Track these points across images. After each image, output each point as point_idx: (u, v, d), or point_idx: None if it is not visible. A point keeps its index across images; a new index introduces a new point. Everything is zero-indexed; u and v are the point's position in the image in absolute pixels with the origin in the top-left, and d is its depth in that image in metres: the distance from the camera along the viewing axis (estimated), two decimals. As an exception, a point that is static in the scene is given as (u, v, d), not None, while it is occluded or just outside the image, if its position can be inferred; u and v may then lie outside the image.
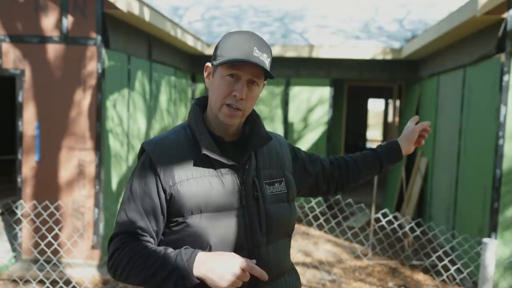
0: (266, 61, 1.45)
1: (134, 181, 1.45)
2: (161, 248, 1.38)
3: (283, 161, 1.61)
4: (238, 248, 1.42)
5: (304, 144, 8.29)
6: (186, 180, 1.41)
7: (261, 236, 1.46)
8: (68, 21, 4.87)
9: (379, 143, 1.95)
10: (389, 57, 7.91)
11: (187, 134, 1.49)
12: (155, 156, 1.44)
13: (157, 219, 1.42)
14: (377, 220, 6.87)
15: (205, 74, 1.54)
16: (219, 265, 1.31)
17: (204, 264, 1.31)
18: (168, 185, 1.41)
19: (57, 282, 4.17)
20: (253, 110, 1.58)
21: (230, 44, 1.43)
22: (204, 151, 1.42)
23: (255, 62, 1.40)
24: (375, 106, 26.56)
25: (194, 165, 1.43)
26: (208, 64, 1.52)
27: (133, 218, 1.41)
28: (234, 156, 1.48)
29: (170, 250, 1.37)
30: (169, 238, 1.44)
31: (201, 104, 1.56)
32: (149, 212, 1.41)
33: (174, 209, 1.41)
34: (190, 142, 1.47)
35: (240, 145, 1.51)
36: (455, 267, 3.84)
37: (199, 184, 1.41)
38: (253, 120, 1.56)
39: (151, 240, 1.43)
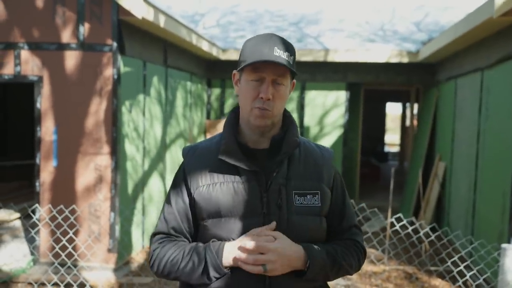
0: (289, 59, 1.44)
1: (172, 185, 1.58)
2: (192, 244, 1.48)
3: (321, 174, 1.54)
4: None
5: (320, 149, 8.24)
6: (209, 185, 1.47)
7: None
8: (84, 28, 4.96)
9: None
10: (405, 60, 7.84)
11: (219, 141, 1.54)
12: (186, 162, 1.55)
13: (189, 220, 1.52)
14: (393, 225, 6.79)
15: (234, 82, 1.56)
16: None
17: (232, 254, 1.40)
18: (193, 189, 1.49)
19: (73, 285, 4.23)
20: (289, 116, 1.57)
21: (251, 48, 1.45)
22: (220, 156, 1.47)
23: (276, 61, 1.40)
24: (394, 110, 26.29)
25: (219, 171, 1.48)
26: (235, 71, 1.54)
27: (168, 219, 1.53)
28: (262, 163, 1.48)
29: (200, 244, 1.47)
30: (196, 240, 1.53)
31: (237, 112, 1.57)
32: (181, 214, 1.52)
33: (197, 212, 1.49)
34: (219, 149, 1.51)
35: (271, 152, 1.50)
36: (471, 272, 3.77)
37: (221, 189, 1.46)
38: (287, 126, 1.54)
39: (184, 239, 1.53)
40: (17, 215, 6.73)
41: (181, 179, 1.54)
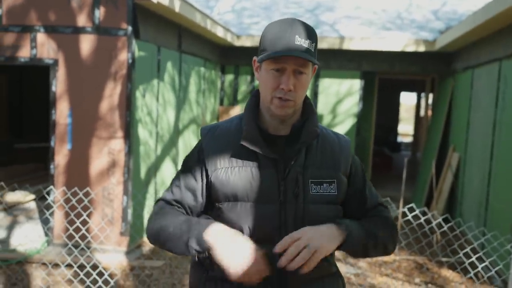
0: (311, 47, 1.41)
1: (186, 160, 1.58)
2: (189, 216, 1.49)
3: (338, 163, 1.53)
4: (270, 242, 1.41)
5: (333, 137, 8.21)
6: (227, 168, 1.47)
7: None
8: (100, 12, 4.96)
9: None
10: (422, 49, 7.73)
11: (239, 124, 1.53)
12: (205, 142, 1.53)
13: (196, 198, 1.52)
14: (405, 214, 6.77)
15: (254, 68, 1.54)
16: (232, 251, 1.35)
17: (216, 236, 1.36)
18: (211, 170, 1.48)
19: (86, 267, 4.30)
20: (310, 105, 1.55)
21: (272, 36, 1.41)
22: (242, 142, 1.45)
23: (297, 53, 1.37)
24: (409, 100, 26.05)
25: (238, 155, 1.47)
26: (255, 58, 1.52)
27: (174, 191, 1.54)
28: (282, 150, 1.47)
29: (195, 218, 1.47)
30: None
31: (257, 96, 1.56)
32: (189, 190, 1.52)
33: (213, 194, 1.49)
34: (239, 132, 1.49)
35: (290, 140, 1.49)
36: (483, 264, 3.76)
37: (239, 173, 1.45)
38: (308, 115, 1.53)
39: (184, 212, 1.53)
40: (32, 196, 6.84)
41: (198, 159, 1.53)
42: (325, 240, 1.37)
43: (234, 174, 1.46)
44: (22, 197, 6.76)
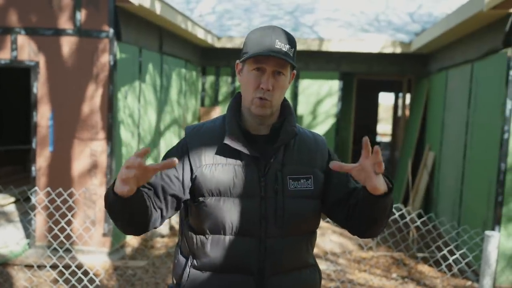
0: (290, 52, 1.52)
1: (167, 154, 1.61)
2: None
3: (314, 159, 1.62)
4: (251, 235, 1.53)
5: (313, 137, 8.35)
6: (211, 165, 1.55)
7: (275, 227, 1.53)
8: (81, 14, 4.99)
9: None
10: (398, 50, 7.93)
11: (222, 123, 1.62)
12: (189, 139, 1.60)
13: (173, 184, 1.54)
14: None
15: (237, 71, 1.63)
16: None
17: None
18: (195, 166, 1.55)
19: (69, 267, 4.33)
20: (288, 106, 1.65)
21: (254, 40, 1.53)
22: (226, 141, 1.55)
23: (277, 56, 1.48)
24: (387, 100, 26.43)
25: (221, 152, 1.56)
26: (238, 61, 1.62)
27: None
28: (262, 149, 1.57)
29: None
30: (193, 216, 1.58)
31: (238, 98, 1.65)
32: (167, 176, 1.54)
33: (198, 189, 1.55)
34: (223, 131, 1.59)
35: (270, 139, 1.59)
36: (454, 257, 3.92)
37: (223, 170, 1.54)
38: (285, 115, 1.63)
39: (149, 191, 1.54)
40: (12, 199, 6.80)
41: (181, 152, 1.59)
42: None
43: (218, 170, 1.54)
44: (1, 200, 6.72)
